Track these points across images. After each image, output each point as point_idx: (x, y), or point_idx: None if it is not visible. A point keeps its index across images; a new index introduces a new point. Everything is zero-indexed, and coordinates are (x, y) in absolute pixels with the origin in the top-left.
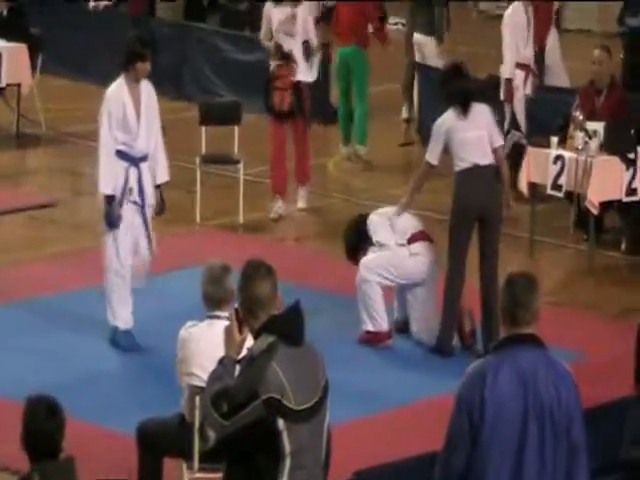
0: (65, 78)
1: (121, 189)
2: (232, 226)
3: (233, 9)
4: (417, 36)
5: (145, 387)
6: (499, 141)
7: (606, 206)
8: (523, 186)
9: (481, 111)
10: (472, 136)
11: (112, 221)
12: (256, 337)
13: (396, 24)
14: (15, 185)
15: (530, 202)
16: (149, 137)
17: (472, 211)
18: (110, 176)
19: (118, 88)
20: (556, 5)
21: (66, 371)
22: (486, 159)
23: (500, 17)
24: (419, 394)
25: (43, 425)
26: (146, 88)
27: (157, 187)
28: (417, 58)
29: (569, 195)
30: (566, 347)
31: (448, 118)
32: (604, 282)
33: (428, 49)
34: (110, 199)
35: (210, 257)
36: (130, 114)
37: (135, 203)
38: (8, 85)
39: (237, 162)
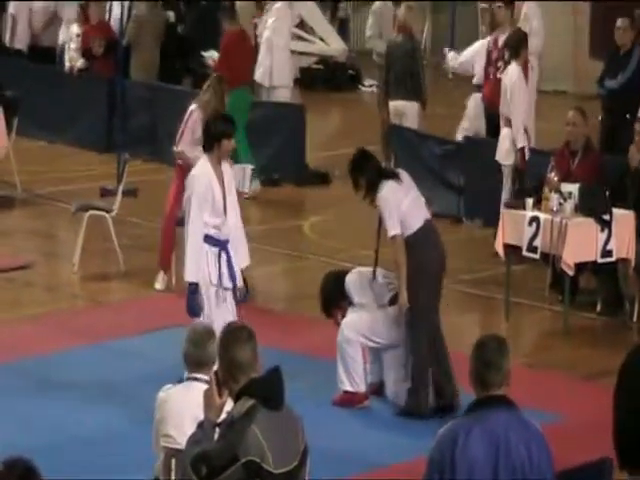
0: (40, 140)
1: (217, 277)
2: None
3: (204, 73)
4: (398, 102)
5: (118, 451)
6: None
7: (581, 267)
8: (499, 247)
9: (404, 173)
10: (414, 195)
11: (195, 310)
12: (236, 400)
13: (370, 86)
14: None
15: (506, 264)
16: (235, 219)
17: (439, 265)
18: (198, 263)
19: (203, 169)
20: None
21: (40, 434)
22: (428, 213)
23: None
24: (397, 456)
25: None
26: (227, 167)
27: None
28: (394, 121)
29: (545, 257)
30: (541, 409)
31: (391, 189)
32: (580, 343)
33: (410, 113)
34: (194, 287)
35: (187, 320)
36: (218, 196)
37: (226, 289)
38: None
39: None
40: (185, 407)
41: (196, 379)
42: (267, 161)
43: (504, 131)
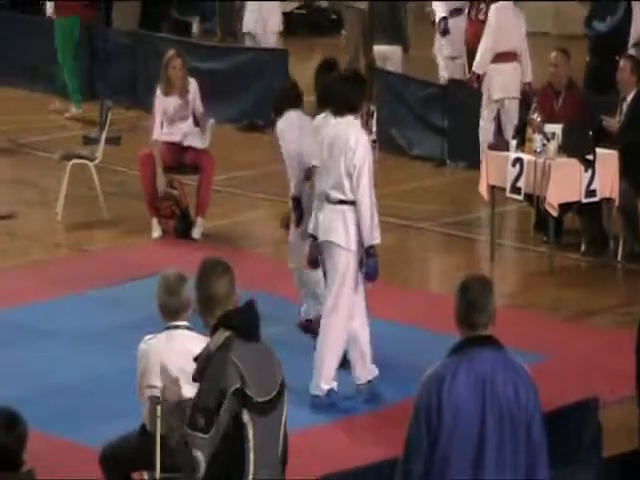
0: (20, 88)
1: None
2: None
3: (183, 20)
4: (381, 47)
5: (104, 398)
6: None
7: (565, 208)
8: (483, 189)
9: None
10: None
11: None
12: (212, 333)
13: None
14: None
15: (490, 205)
16: None
17: None
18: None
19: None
20: None
21: (25, 383)
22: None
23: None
24: (383, 399)
25: (3, 438)
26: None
27: None
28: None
29: (528, 198)
30: (527, 349)
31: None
32: (564, 284)
33: (393, 58)
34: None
35: (167, 267)
36: None
37: None
38: None
39: (195, 171)
40: (168, 356)
41: (177, 327)
42: (250, 107)
43: (512, 65)
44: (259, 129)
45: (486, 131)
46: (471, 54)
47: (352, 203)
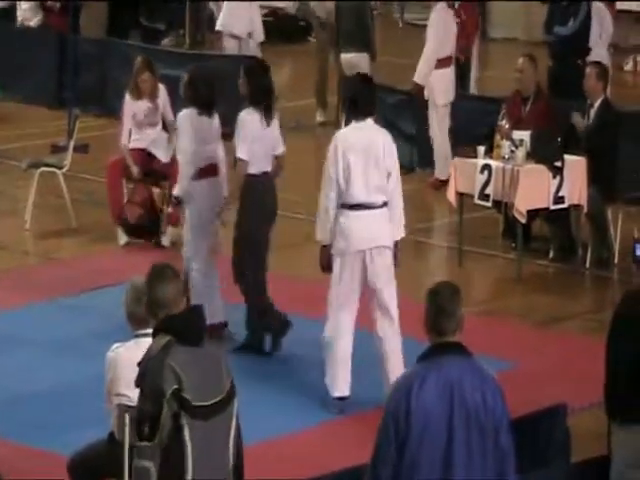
0: None
1: None
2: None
3: (152, 28)
4: (349, 55)
5: (72, 406)
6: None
7: (534, 214)
8: (451, 196)
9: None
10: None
11: None
12: (154, 337)
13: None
14: None
15: (458, 212)
16: None
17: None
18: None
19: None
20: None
21: None
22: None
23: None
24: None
25: None
26: None
27: None
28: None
29: (497, 204)
30: (496, 355)
31: (252, 116)
32: (533, 290)
33: (361, 65)
34: None
35: (135, 275)
36: None
37: None
38: None
39: (165, 178)
40: (136, 365)
41: (145, 335)
42: (220, 114)
43: (451, 69)
44: (228, 138)
45: (438, 138)
46: None
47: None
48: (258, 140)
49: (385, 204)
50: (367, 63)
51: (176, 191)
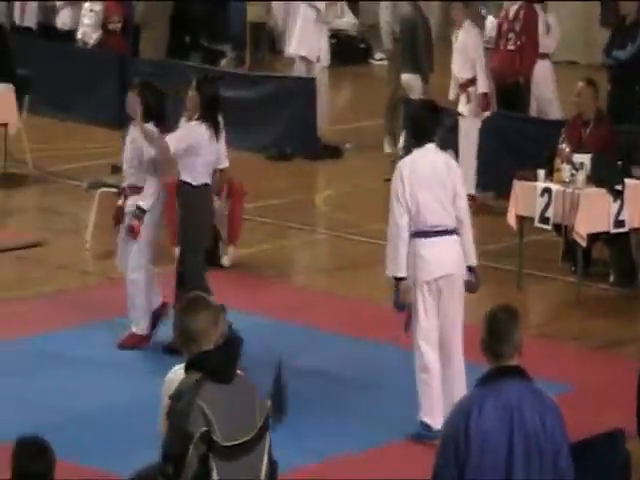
0: (51, 117)
1: None
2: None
3: (213, 49)
4: (404, 75)
5: (132, 427)
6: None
7: (594, 238)
8: (511, 219)
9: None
10: (210, 160)
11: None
12: (185, 372)
13: (381, 59)
14: (2, 225)
15: (518, 235)
16: None
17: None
18: None
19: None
20: None
21: (53, 412)
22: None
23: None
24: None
25: (33, 466)
26: None
27: None
28: (408, 94)
29: (557, 227)
30: (554, 379)
31: (200, 129)
32: (592, 314)
33: (415, 86)
34: None
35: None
36: None
37: None
38: None
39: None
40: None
41: None
42: (279, 135)
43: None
44: (287, 157)
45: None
46: (497, 83)
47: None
48: (202, 153)
49: (455, 230)
50: (420, 84)
51: (144, 203)
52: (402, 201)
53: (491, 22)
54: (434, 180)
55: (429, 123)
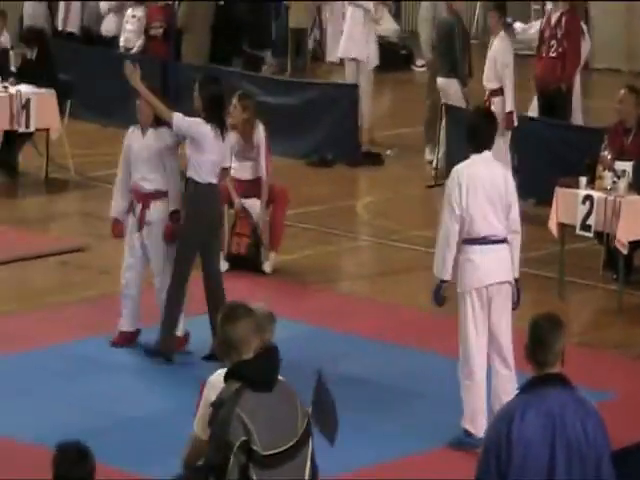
0: (93, 123)
1: None
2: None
3: (255, 55)
4: (440, 80)
5: (172, 432)
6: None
7: (636, 246)
8: (552, 226)
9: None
10: (219, 159)
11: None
12: (226, 381)
13: (422, 66)
14: (44, 230)
15: (559, 242)
16: None
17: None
18: None
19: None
20: None
21: (96, 417)
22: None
23: (525, 57)
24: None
25: (73, 471)
26: None
27: None
28: (443, 100)
29: (599, 235)
30: (596, 387)
31: (209, 131)
32: (633, 322)
33: (451, 91)
34: None
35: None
36: None
37: None
38: (37, 130)
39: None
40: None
41: None
42: (320, 142)
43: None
44: (329, 164)
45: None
46: (539, 90)
47: None
48: (207, 150)
49: (505, 239)
50: (457, 88)
51: (175, 205)
52: (456, 207)
53: (519, 27)
54: (490, 189)
55: (486, 130)
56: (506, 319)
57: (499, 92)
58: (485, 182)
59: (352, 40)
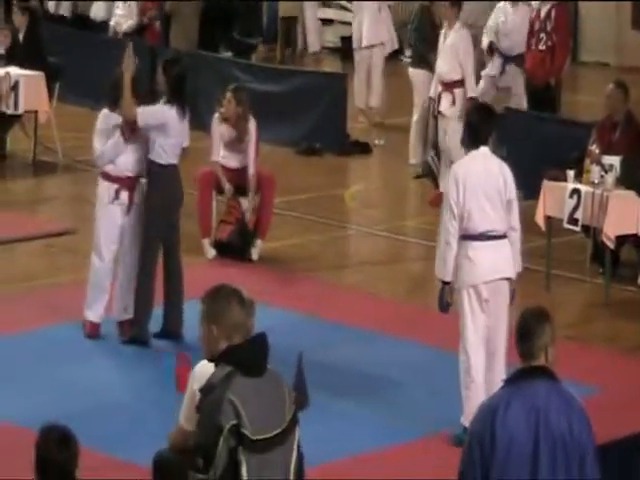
0: (82, 106)
1: None
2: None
3: (244, 42)
4: (410, 70)
5: (158, 418)
6: None
7: (622, 240)
8: (540, 220)
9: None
10: (177, 142)
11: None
12: (216, 365)
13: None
14: (32, 212)
15: (546, 236)
16: None
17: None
18: None
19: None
20: None
21: (79, 401)
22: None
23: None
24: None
25: (56, 455)
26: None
27: None
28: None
29: (586, 229)
30: (581, 381)
31: (165, 109)
32: (620, 316)
33: (418, 82)
34: None
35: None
36: None
37: None
38: (25, 112)
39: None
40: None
41: None
42: (308, 130)
43: None
44: (317, 152)
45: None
46: (530, 85)
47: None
48: (172, 134)
49: (505, 235)
50: (424, 80)
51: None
52: (454, 206)
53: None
54: (488, 185)
55: (484, 126)
56: (502, 315)
57: (460, 83)
58: (482, 177)
59: (374, 27)
